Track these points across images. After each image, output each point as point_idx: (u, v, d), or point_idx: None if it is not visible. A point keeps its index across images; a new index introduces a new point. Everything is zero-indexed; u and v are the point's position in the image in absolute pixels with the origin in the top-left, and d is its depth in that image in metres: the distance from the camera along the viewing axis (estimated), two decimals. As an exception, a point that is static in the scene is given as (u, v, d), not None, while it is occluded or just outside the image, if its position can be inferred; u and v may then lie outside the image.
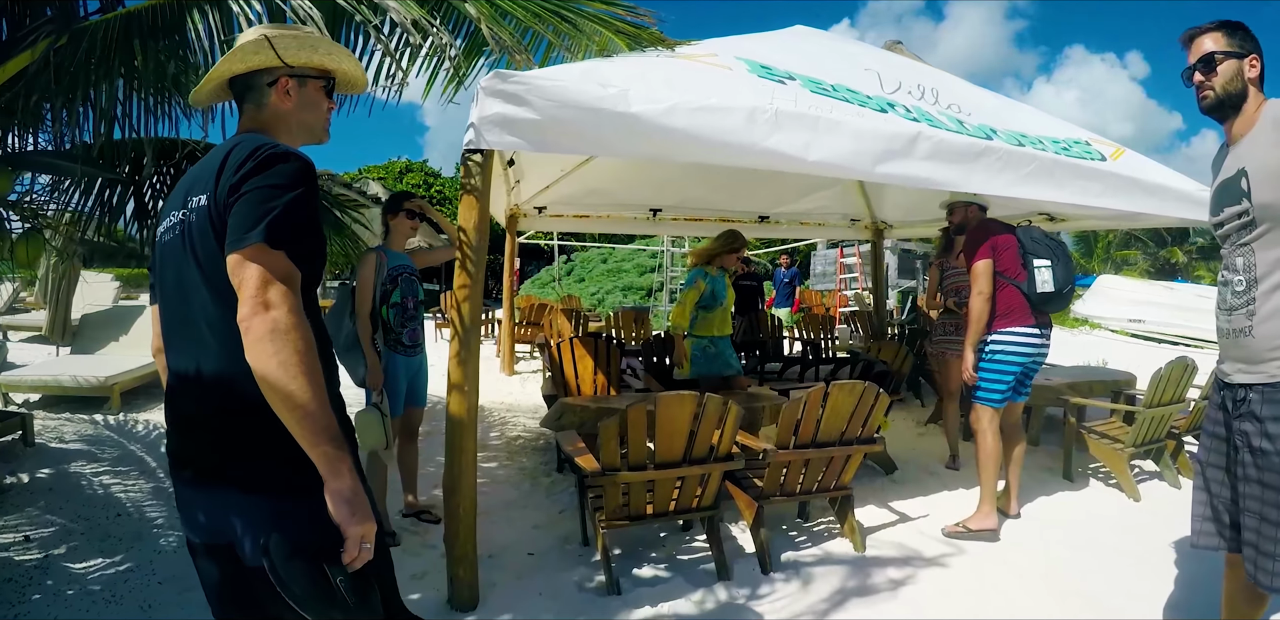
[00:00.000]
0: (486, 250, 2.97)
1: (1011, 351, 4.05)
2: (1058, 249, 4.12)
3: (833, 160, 2.98)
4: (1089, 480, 5.11)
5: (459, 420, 2.89)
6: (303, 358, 1.34)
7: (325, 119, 1.77)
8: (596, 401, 4.20)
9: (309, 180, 1.49)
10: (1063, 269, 4.03)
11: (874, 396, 3.29)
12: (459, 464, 2.93)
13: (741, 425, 3.86)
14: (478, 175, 2.89)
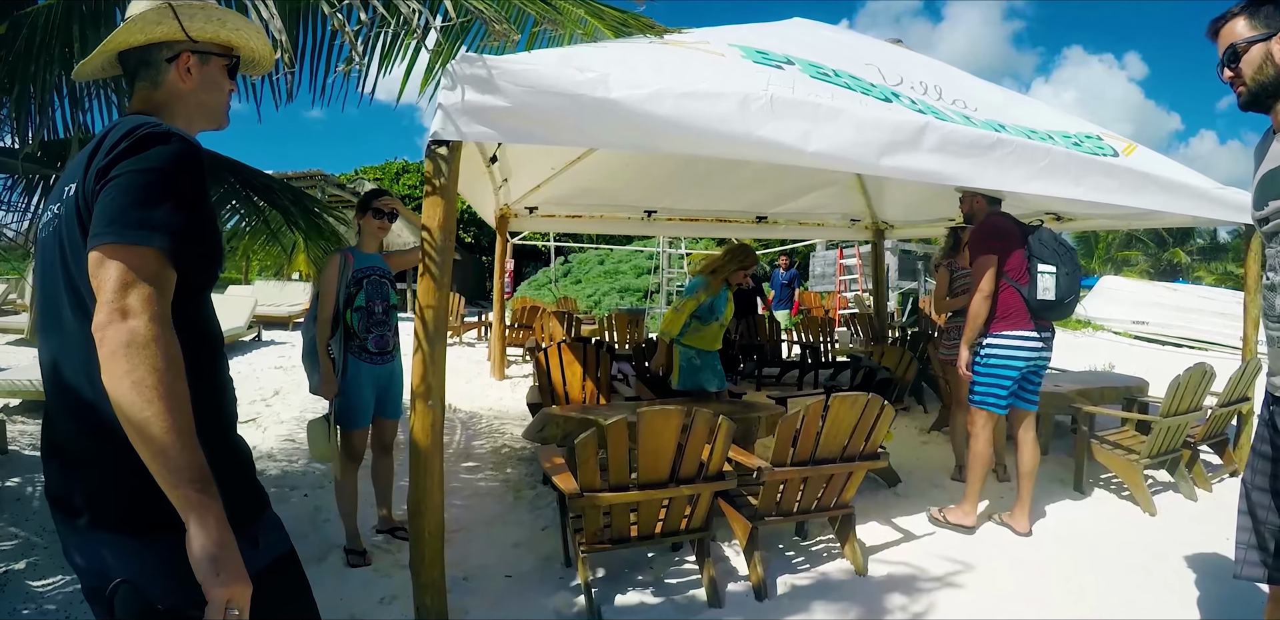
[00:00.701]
0: (452, 251, 2.72)
1: (1007, 355, 3.90)
2: (1066, 255, 3.92)
3: (833, 152, 2.74)
4: (1100, 491, 4.87)
5: (424, 436, 2.63)
6: (162, 378, 1.10)
7: (225, 102, 1.55)
8: (582, 411, 3.95)
9: (191, 165, 1.25)
10: (1067, 277, 3.85)
11: (878, 409, 3.04)
12: (424, 484, 2.67)
13: (735, 438, 3.62)
14: (444, 169, 2.64)
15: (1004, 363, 3.92)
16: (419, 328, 2.67)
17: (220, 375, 1.39)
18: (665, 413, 2.53)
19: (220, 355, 1.42)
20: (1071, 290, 3.87)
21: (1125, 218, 6.06)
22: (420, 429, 2.63)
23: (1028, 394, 4.15)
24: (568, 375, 5.17)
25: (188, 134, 1.31)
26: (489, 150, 4.92)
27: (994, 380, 3.94)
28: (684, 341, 4.76)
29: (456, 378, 9.00)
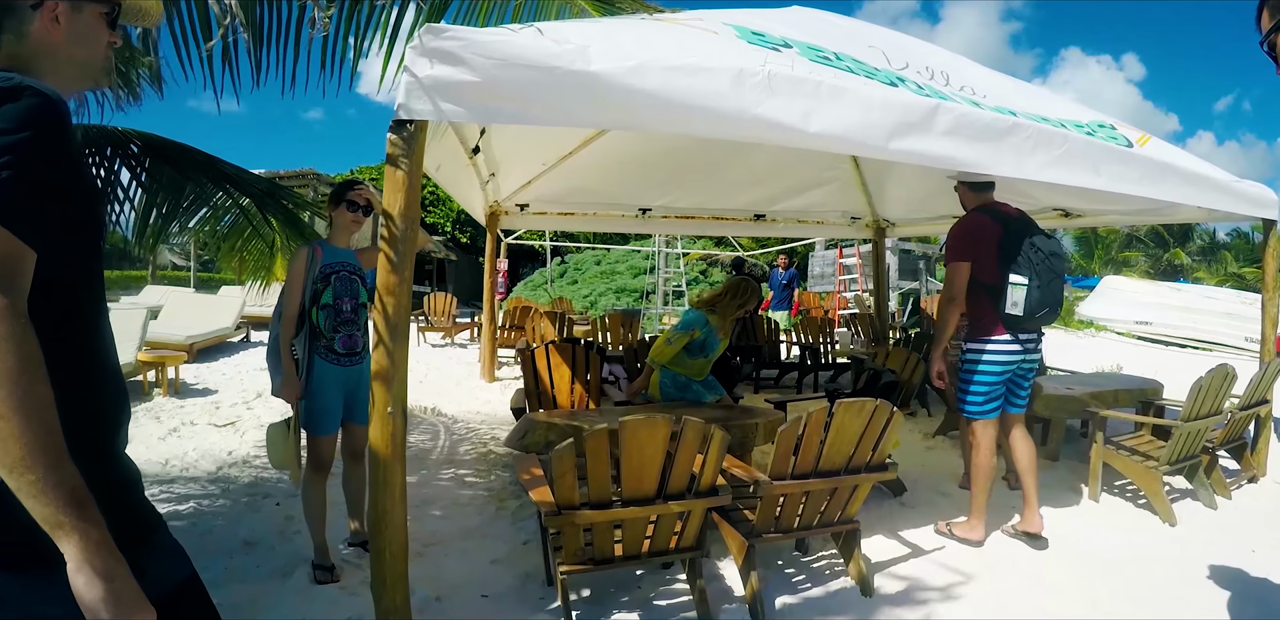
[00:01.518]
0: (415, 241, 2.47)
1: (986, 360, 3.72)
2: (1043, 264, 3.60)
3: (838, 132, 2.48)
4: (1115, 499, 4.63)
5: (383, 448, 2.38)
6: (17, 382, 0.90)
7: (105, 55, 1.33)
8: (568, 417, 3.69)
9: (48, 124, 1.02)
10: (1040, 290, 3.56)
11: (886, 416, 2.78)
12: (384, 500, 2.42)
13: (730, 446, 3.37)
14: (407, 151, 2.39)
15: (983, 369, 3.73)
16: (378, 326, 2.42)
17: (91, 377, 1.15)
18: (650, 422, 2.28)
19: (99, 353, 1.20)
20: (1045, 304, 3.58)
21: (1139, 213, 5.82)
22: (379, 439, 2.38)
23: (1016, 398, 3.93)
24: (555, 378, 4.92)
25: (51, 90, 1.07)
26: (470, 139, 4.67)
27: (976, 388, 3.76)
28: (669, 365, 4.60)
29: (446, 380, 8.76)
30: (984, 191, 3.96)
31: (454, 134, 4.38)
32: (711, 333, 4.53)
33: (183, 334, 9.71)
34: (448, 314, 12.28)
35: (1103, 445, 4.54)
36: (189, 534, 3.79)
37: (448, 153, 4.62)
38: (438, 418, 6.82)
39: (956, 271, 3.71)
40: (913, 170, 7.10)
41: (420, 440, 5.96)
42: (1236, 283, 24.87)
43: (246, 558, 3.58)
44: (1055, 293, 3.66)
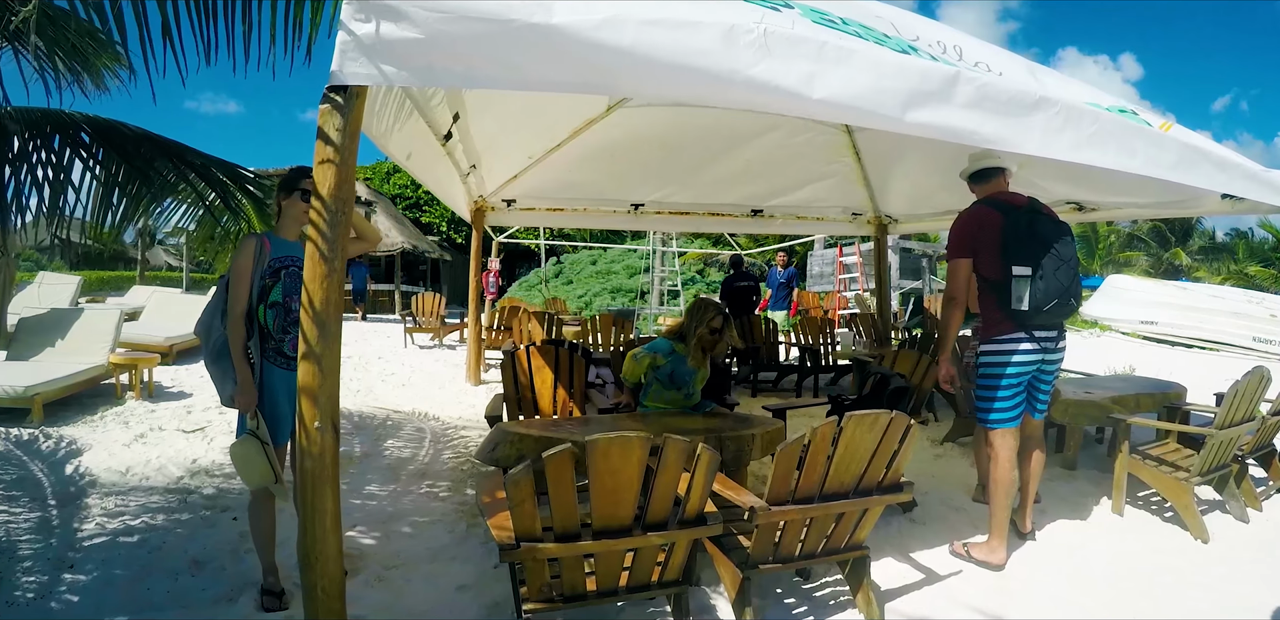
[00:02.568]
0: (348, 226, 2.12)
1: (1000, 363, 3.43)
2: (1045, 251, 3.30)
3: (847, 100, 2.13)
4: (1140, 513, 4.29)
5: (311, 468, 2.02)
6: None
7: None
8: (545, 428, 3.34)
9: None
10: (1045, 281, 3.25)
11: (903, 430, 2.43)
12: (315, 529, 2.06)
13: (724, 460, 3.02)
14: (340, 123, 2.04)
15: (1000, 372, 3.43)
16: (305, 323, 2.07)
17: None
18: (623, 442, 1.92)
19: None
20: (1051, 295, 3.25)
21: (1158, 206, 5.46)
22: (308, 459, 2.02)
23: (1036, 403, 3.63)
24: (537, 383, 4.58)
25: None
26: (442, 125, 4.31)
27: (989, 394, 3.47)
28: (648, 403, 4.21)
29: (430, 383, 8.42)
30: (987, 181, 3.66)
31: (422, 119, 4.03)
32: (679, 362, 4.13)
33: (162, 335, 9.44)
34: (436, 314, 11.93)
35: (1128, 455, 4.19)
36: (137, 551, 3.51)
37: (419, 139, 4.27)
38: (423, 423, 6.48)
39: (956, 269, 3.43)
40: (918, 163, 6.79)
41: (400, 448, 5.62)
42: (1241, 281, 24.55)
43: (193, 579, 3.27)
44: (1062, 282, 3.29)
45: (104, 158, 4.13)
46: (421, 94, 3.70)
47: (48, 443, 5.47)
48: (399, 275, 24.88)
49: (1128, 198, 5.62)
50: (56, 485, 4.54)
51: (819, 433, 2.25)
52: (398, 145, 4.00)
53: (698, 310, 4.13)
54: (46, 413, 6.10)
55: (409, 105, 3.71)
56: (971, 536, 3.70)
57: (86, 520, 3.91)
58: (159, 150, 4.29)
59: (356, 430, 6.15)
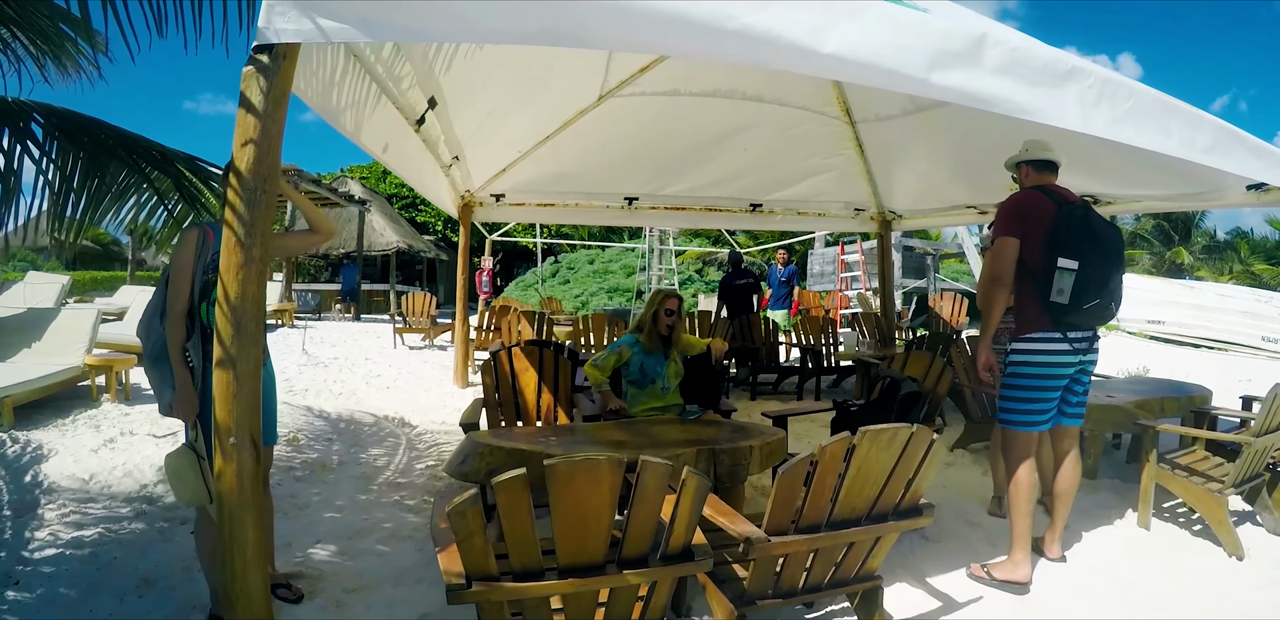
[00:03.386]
0: (271, 208, 1.81)
1: (1033, 362, 3.21)
2: (1096, 250, 3.09)
3: (862, 56, 1.82)
4: (1168, 528, 3.99)
5: (229, 491, 1.71)
6: None
7: None
8: (521, 438, 3.02)
9: None
10: (1091, 280, 3.05)
11: (924, 447, 2.11)
12: (236, 564, 1.76)
13: (719, 475, 2.71)
14: (263, 88, 1.73)
15: (1030, 372, 3.22)
16: (217, 323, 1.75)
17: None
18: (589, 467, 1.60)
19: None
20: (1095, 294, 3.06)
21: (1179, 197, 5.15)
22: (223, 481, 1.71)
23: (1069, 407, 3.36)
24: (520, 386, 4.26)
25: None
26: (413, 110, 3.98)
27: (1021, 394, 3.25)
28: (634, 410, 4.08)
29: (417, 385, 8.10)
30: (1046, 172, 3.42)
31: (393, 105, 3.72)
32: (643, 352, 4.15)
33: None
34: (426, 314, 11.61)
35: (1156, 464, 3.88)
36: (86, 567, 3.24)
37: (395, 131, 3.96)
38: (401, 429, 6.16)
39: (1004, 247, 3.17)
40: (924, 155, 6.50)
41: (375, 456, 5.31)
42: (1248, 280, 24.27)
43: (140, 600, 2.99)
44: (1107, 282, 3.09)
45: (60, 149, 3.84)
46: (389, 73, 3.39)
47: (14, 447, 5.15)
48: (394, 275, 24.65)
49: (1144, 189, 5.31)
50: (14, 493, 4.25)
51: (828, 452, 1.93)
52: (372, 136, 3.69)
53: (653, 297, 4.24)
54: (18, 415, 5.80)
55: (375, 89, 3.40)
56: (990, 556, 3.39)
57: (40, 531, 3.64)
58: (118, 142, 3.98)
59: (337, 436, 5.86)
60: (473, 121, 5.03)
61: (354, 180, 24.28)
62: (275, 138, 1.81)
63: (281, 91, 1.81)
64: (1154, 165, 4.52)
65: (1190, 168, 4.36)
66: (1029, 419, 3.24)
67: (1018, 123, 4.74)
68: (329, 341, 11.93)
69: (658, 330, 4.14)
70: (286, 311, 13.95)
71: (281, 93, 1.82)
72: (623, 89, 5.94)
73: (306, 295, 19.98)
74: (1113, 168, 4.90)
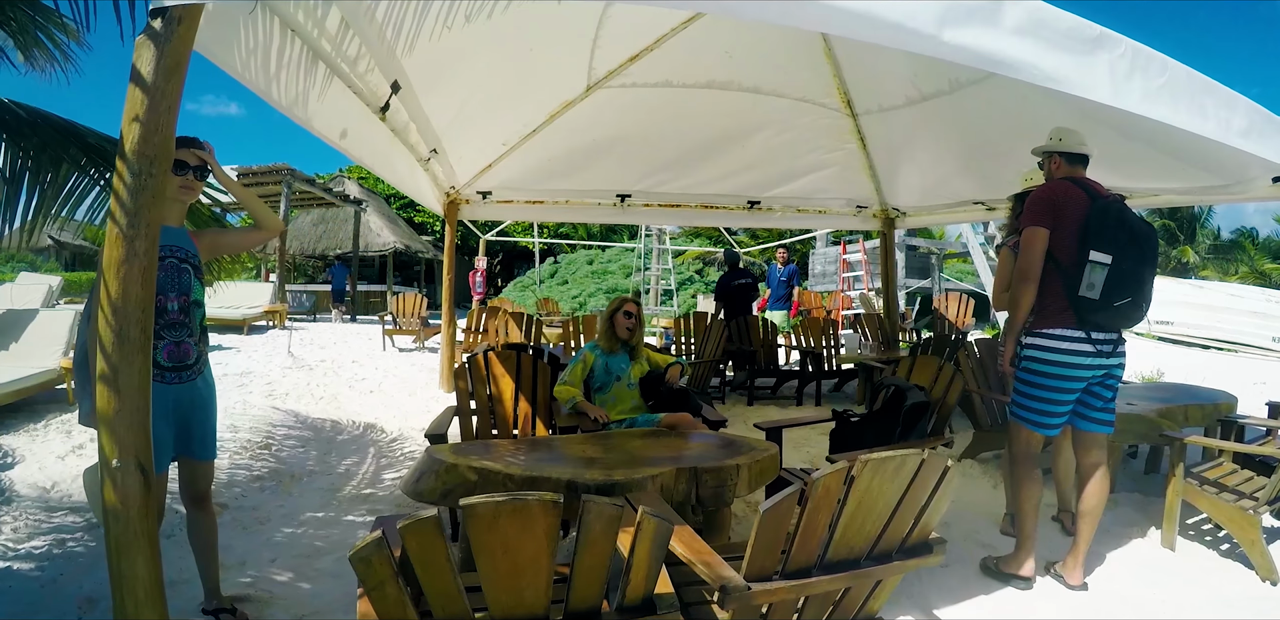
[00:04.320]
0: (161, 193, 1.53)
1: (1048, 360, 3.02)
2: (1132, 245, 2.91)
3: (864, 9, 1.52)
4: (1194, 547, 3.69)
5: (114, 521, 1.43)
6: None
7: None
8: (481, 454, 2.72)
9: None
10: (1122, 275, 2.87)
11: (937, 475, 1.80)
12: (126, 604, 1.48)
13: (703, 498, 2.41)
14: (155, 56, 1.44)
15: (1044, 370, 3.03)
16: (100, 333, 1.46)
17: None
18: (518, 508, 1.29)
19: None
20: (1127, 291, 2.88)
21: (1201, 190, 4.82)
22: (110, 506, 1.42)
23: (1093, 412, 3.12)
24: (495, 394, 3.97)
25: None
26: (374, 94, 3.68)
27: (1033, 391, 3.08)
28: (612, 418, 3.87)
29: (401, 389, 7.82)
30: (1077, 165, 3.24)
31: (349, 91, 3.42)
32: (604, 354, 4.09)
33: None
34: (417, 315, 11.32)
35: (1183, 480, 3.58)
36: (29, 584, 3.04)
37: (354, 115, 3.66)
38: (378, 435, 5.89)
39: (1033, 238, 3.00)
40: (930, 148, 6.20)
41: (346, 465, 5.03)
42: (1257, 280, 23.96)
43: (78, 624, 2.72)
44: (1139, 280, 2.89)
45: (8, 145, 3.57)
46: (339, 52, 3.09)
47: (-24, 454, 4.96)
48: (391, 276, 24.40)
49: (1163, 182, 5.00)
50: (-24, 500, 4.03)
51: (821, 486, 1.59)
52: (325, 121, 3.40)
53: (612, 302, 4.18)
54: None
55: (326, 71, 3.10)
56: (1006, 589, 3.11)
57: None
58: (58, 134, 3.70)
59: (311, 443, 5.59)
60: (448, 111, 4.74)
61: (351, 180, 24.07)
62: (167, 114, 1.53)
63: (175, 62, 1.53)
64: (1175, 155, 4.23)
65: (1215, 157, 4.10)
66: (1037, 418, 3.08)
67: (1028, 110, 4.43)
68: (319, 343, 11.67)
69: (616, 334, 4.08)
70: (278, 313, 13.65)
71: (175, 63, 1.53)
72: (612, 79, 5.65)
73: (301, 296, 19.70)
74: (1129, 158, 4.60)
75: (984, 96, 4.84)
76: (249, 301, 14.40)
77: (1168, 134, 4.04)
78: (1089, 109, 4.26)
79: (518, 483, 2.35)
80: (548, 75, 5.27)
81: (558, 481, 2.30)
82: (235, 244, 2.93)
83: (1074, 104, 4.33)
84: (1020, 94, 4.45)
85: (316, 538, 3.67)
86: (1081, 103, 4.01)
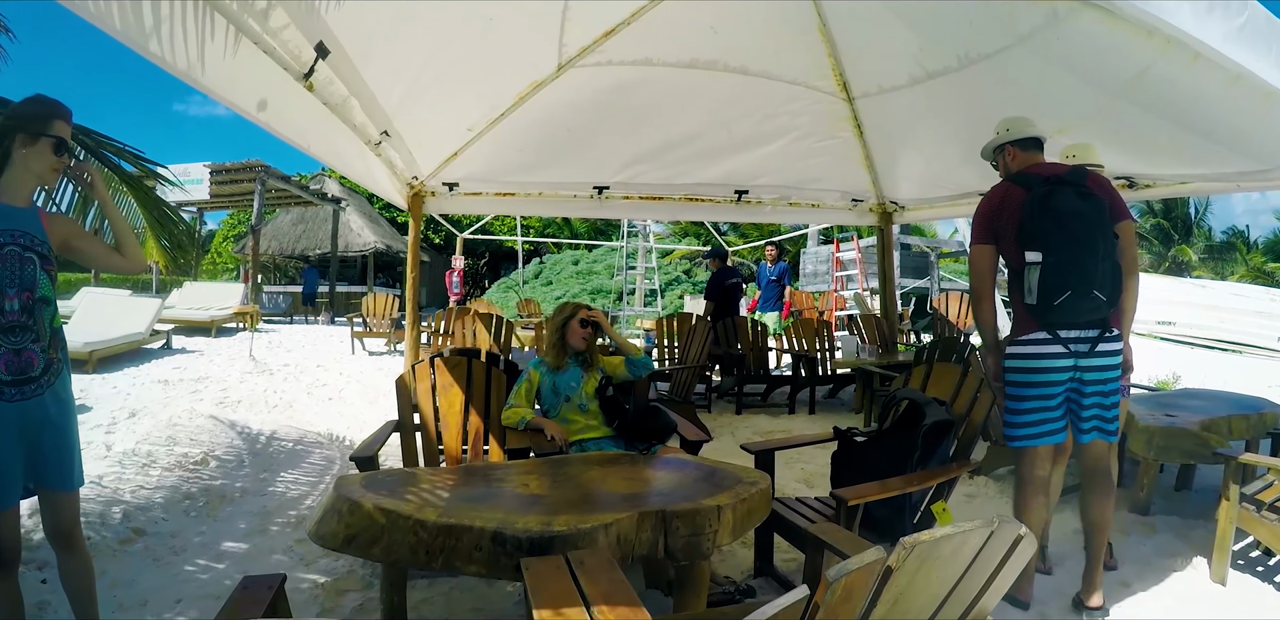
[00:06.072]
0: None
1: (1021, 367, 2.80)
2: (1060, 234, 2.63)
3: None
4: (1245, 579, 3.22)
5: None
6: None
7: None
8: (394, 489, 2.19)
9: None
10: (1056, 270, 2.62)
11: (1004, 552, 1.24)
12: None
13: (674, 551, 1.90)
14: None
15: (1021, 379, 2.80)
16: None
17: None
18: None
19: None
20: (1063, 286, 2.61)
21: (1236, 177, 4.33)
22: None
23: (1084, 421, 2.82)
24: (442, 408, 3.44)
25: None
26: (295, 58, 3.12)
27: (1016, 404, 2.83)
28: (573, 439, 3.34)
29: (362, 397, 7.29)
30: (1032, 150, 3.05)
31: (259, 51, 2.87)
32: (549, 371, 3.47)
33: (81, 340, 8.41)
34: (388, 316, 10.78)
35: (1238, 504, 3.07)
36: None
37: (274, 81, 3.11)
38: (327, 449, 5.36)
39: (975, 257, 2.89)
40: (932, 134, 5.69)
41: (286, 483, 4.53)
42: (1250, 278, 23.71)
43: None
44: (1079, 267, 2.61)
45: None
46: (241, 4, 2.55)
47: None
48: (373, 276, 23.79)
49: (1193, 168, 4.51)
50: None
51: (841, 589, 0.97)
52: (234, 89, 2.86)
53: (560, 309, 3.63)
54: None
55: (224, 23, 2.56)
56: None
57: None
58: None
59: (251, 457, 5.06)
60: (396, 87, 4.20)
61: (332, 179, 23.47)
62: None
63: None
64: (1209, 136, 3.78)
65: (1258, 138, 3.62)
66: (1027, 431, 2.80)
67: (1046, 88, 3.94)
68: (286, 347, 11.13)
69: (570, 345, 3.47)
70: (248, 314, 13.07)
71: None
72: (585, 57, 5.11)
73: (278, 297, 19.12)
74: (1155, 141, 4.16)
75: (996, 73, 4.33)
76: (219, 303, 13.84)
77: (1204, 111, 3.57)
78: (1116, 86, 3.79)
79: (430, 531, 1.83)
80: (512, 51, 4.74)
81: (481, 532, 1.78)
82: (89, 254, 2.43)
83: (1096, 80, 3.85)
84: (1037, 69, 3.95)
85: (234, 574, 3.18)
86: (1106, 78, 3.51)
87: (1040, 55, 3.82)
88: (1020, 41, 3.79)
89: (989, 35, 3.99)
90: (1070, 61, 3.76)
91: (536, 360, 3.54)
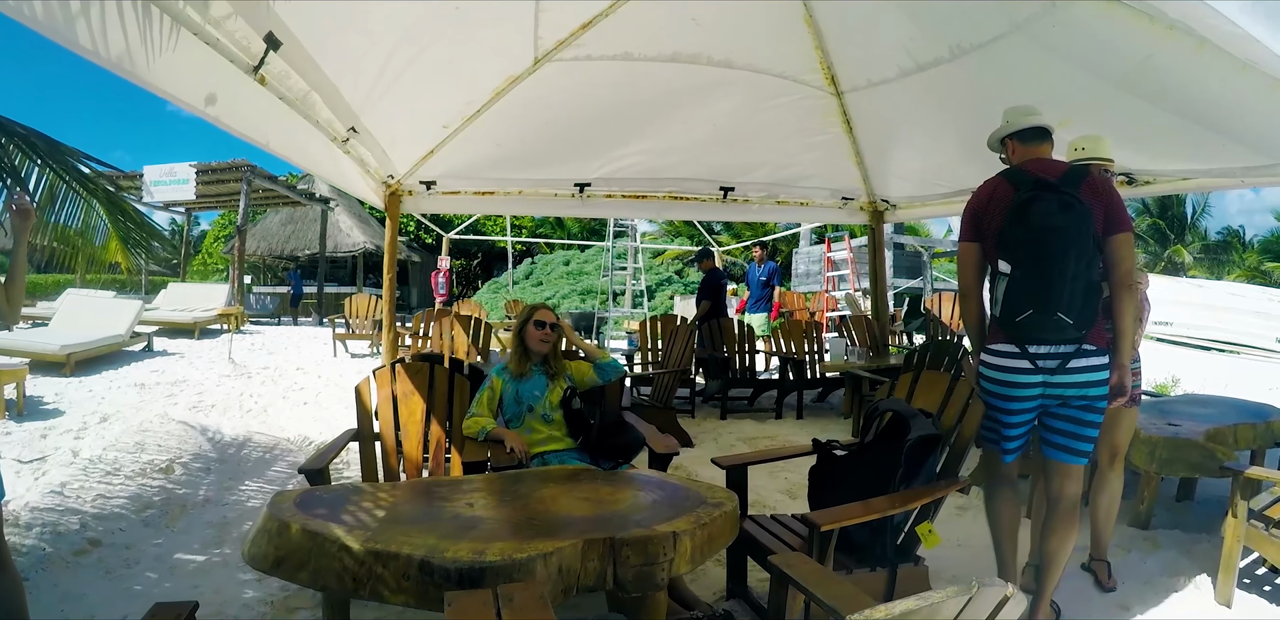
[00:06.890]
0: None
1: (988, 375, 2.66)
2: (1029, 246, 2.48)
3: None
4: (1252, 599, 3.03)
5: None
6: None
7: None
8: (327, 508, 1.99)
9: None
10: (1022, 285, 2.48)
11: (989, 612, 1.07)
12: None
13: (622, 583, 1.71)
14: None
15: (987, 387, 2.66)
16: None
17: None
18: None
19: None
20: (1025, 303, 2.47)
21: (1242, 172, 4.15)
22: None
23: (1057, 436, 2.65)
24: (403, 416, 3.25)
25: None
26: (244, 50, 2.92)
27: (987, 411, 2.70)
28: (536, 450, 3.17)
29: (339, 401, 7.08)
30: (1036, 142, 2.81)
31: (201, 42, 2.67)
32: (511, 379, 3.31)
33: (58, 343, 8.32)
34: (371, 318, 10.57)
35: (1245, 521, 2.89)
36: None
37: (221, 74, 2.90)
38: (294, 456, 5.17)
39: (962, 254, 2.79)
40: (925, 130, 5.51)
41: (248, 493, 4.35)
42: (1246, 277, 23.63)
43: None
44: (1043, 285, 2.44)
45: None
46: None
47: None
48: (363, 277, 23.57)
49: (1197, 163, 4.33)
50: None
51: None
52: (177, 82, 2.65)
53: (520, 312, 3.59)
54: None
55: (157, 13, 2.36)
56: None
57: None
58: None
59: (218, 464, 4.88)
60: (361, 81, 4.00)
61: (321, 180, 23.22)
62: None
63: None
64: (1217, 129, 3.61)
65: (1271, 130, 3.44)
66: (989, 436, 2.72)
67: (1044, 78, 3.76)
68: (268, 349, 10.93)
69: (529, 350, 3.32)
70: (232, 315, 12.84)
71: None
72: (563, 51, 4.92)
73: (266, 298, 18.91)
74: (1159, 134, 3.98)
75: (991, 63, 4.15)
76: (204, 304, 13.61)
77: (1209, 102, 3.40)
78: (1117, 76, 3.61)
79: (356, 558, 1.64)
80: (486, 43, 4.54)
81: (409, 559, 1.59)
82: None
83: (1098, 69, 3.66)
84: (1035, 58, 3.77)
85: (184, 590, 3.03)
86: (1107, 67, 3.33)
87: (1036, 44, 3.64)
88: (1015, 29, 3.61)
89: (982, 23, 3.80)
90: (1068, 50, 3.58)
91: (499, 367, 3.37)
